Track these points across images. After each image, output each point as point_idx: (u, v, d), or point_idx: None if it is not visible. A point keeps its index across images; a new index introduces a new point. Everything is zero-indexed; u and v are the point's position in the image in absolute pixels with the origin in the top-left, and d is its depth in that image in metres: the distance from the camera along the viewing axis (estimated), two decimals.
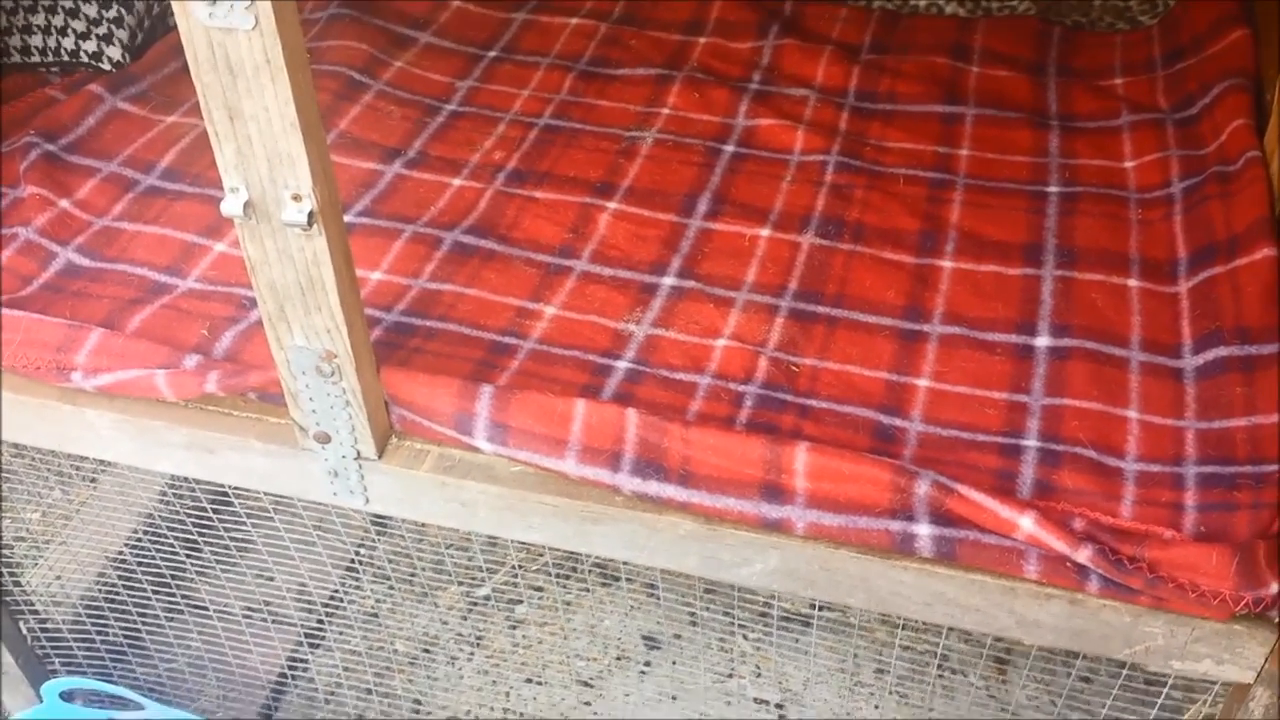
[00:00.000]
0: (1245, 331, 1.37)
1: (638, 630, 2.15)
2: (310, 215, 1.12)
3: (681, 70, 1.95)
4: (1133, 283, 1.51)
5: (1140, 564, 1.14)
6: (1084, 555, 1.15)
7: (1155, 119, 1.77)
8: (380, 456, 1.36)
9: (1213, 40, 1.83)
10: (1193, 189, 1.61)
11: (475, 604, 2.19)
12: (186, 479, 1.87)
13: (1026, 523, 1.16)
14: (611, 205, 1.68)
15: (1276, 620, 1.17)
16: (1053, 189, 1.67)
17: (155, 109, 1.88)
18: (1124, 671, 1.38)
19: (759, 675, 2.06)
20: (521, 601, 2.20)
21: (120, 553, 2.04)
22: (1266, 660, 1.18)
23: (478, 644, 2.14)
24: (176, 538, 1.87)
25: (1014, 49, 1.96)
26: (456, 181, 1.73)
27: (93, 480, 2.24)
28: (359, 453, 1.35)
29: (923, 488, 1.19)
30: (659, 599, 2.16)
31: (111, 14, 1.94)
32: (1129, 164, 1.70)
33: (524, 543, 1.40)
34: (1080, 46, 1.98)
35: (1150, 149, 1.71)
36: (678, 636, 2.13)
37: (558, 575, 2.22)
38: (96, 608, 2.00)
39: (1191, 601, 1.15)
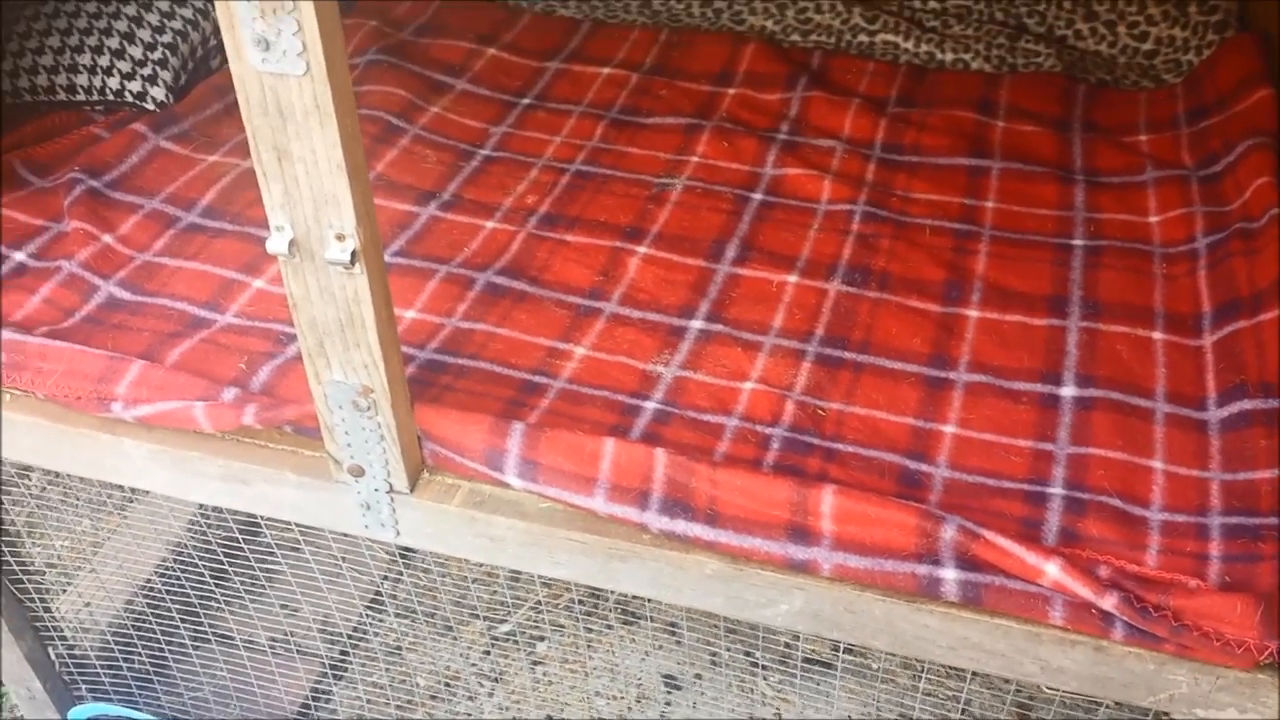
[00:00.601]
0: (1269, 386, 1.39)
1: (658, 670, 2.15)
2: (353, 254, 1.15)
3: (711, 120, 1.98)
4: (1157, 335, 1.52)
5: (1165, 612, 1.15)
6: (1109, 603, 1.16)
7: (1179, 175, 1.79)
8: (412, 490, 1.38)
9: (1236, 99, 1.86)
10: (1217, 245, 1.63)
11: (497, 640, 2.20)
12: (215, 509, 1.90)
13: (1052, 569, 1.17)
14: (641, 250, 1.71)
15: None
16: (1078, 242, 1.69)
17: (197, 148, 1.93)
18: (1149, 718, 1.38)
19: (779, 719, 2.05)
20: (543, 639, 2.20)
21: (149, 581, 2.06)
22: None
23: (498, 681, 2.15)
24: (205, 567, 1.89)
25: (1039, 105, 1.99)
26: (489, 224, 1.77)
27: (123, 509, 2.27)
28: (391, 486, 1.37)
29: (949, 532, 1.21)
30: (680, 639, 2.17)
31: (156, 55, 2.00)
32: (1154, 219, 1.72)
33: (548, 579, 1.41)
34: (1105, 103, 2.01)
35: (1175, 205, 1.73)
36: (698, 677, 2.14)
37: (580, 613, 2.23)
38: (124, 635, 2.02)
39: (1216, 650, 1.15)
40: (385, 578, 2.22)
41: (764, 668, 2.11)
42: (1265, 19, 2.03)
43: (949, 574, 1.21)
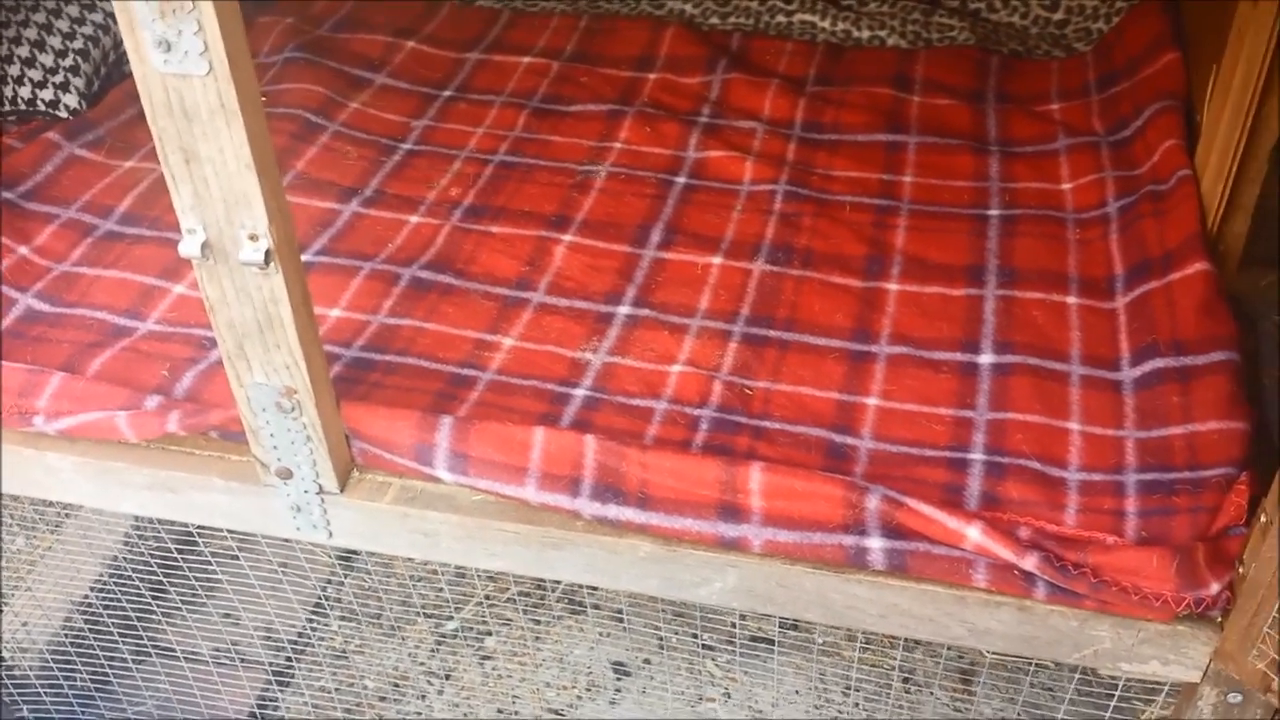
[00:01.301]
0: (1181, 344, 1.42)
1: (607, 658, 2.16)
2: (267, 254, 1.14)
3: (633, 105, 1.99)
4: (1072, 300, 1.55)
5: (1084, 569, 1.18)
6: (1030, 563, 1.19)
7: (1091, 142, 1.83)
8: (342, 490, 1.38)
9: (1145, 64, 1.90)
10: (1128, 208, 1.66)
11: (444, 639, 2.20)
12: (151, 522, 1.88)
13: (974, 533, 1.20)
14: (566, 238, 1.71)
15: (1218, 619, 1.21)
16: (994, 212, 1.72)
17: (112, 154, 1.90)
18: (1075, 676, 1.41)
19: (728, 698, 2.07)
20: (490, 634, 2.20)
21: (86, 598, 2.03)
22: (1211, 659, 1.22)
23: (448, 678, 2.14)
24: (142, 581, 1.87)
25: (954, 78, 2.02)
26: (413, 218, 1.76)
27: (57, 526, 2.24)
28: (321, 487, 1.36)
29: (873, 502, 1.23)
30: (627, 626, 2.18)
31: (68, 63, 1.96)
32: (1066, 186, 1.76)
33: (489, 573, 1.42)
34: (1018, 74, 2.04)
35: (1087, 171, 1.77)
36: (647, 662, 2.15)
37: (526, 606, 2.23)
38: (64, 654, 1.99)
39: (1135, 604, 1.18)
40: (329, 582, 2.21)
41: (710, 649, 2.13)
42: None
43: (875, 543, 1.23)
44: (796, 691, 2.05)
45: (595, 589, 2.13)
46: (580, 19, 2.25)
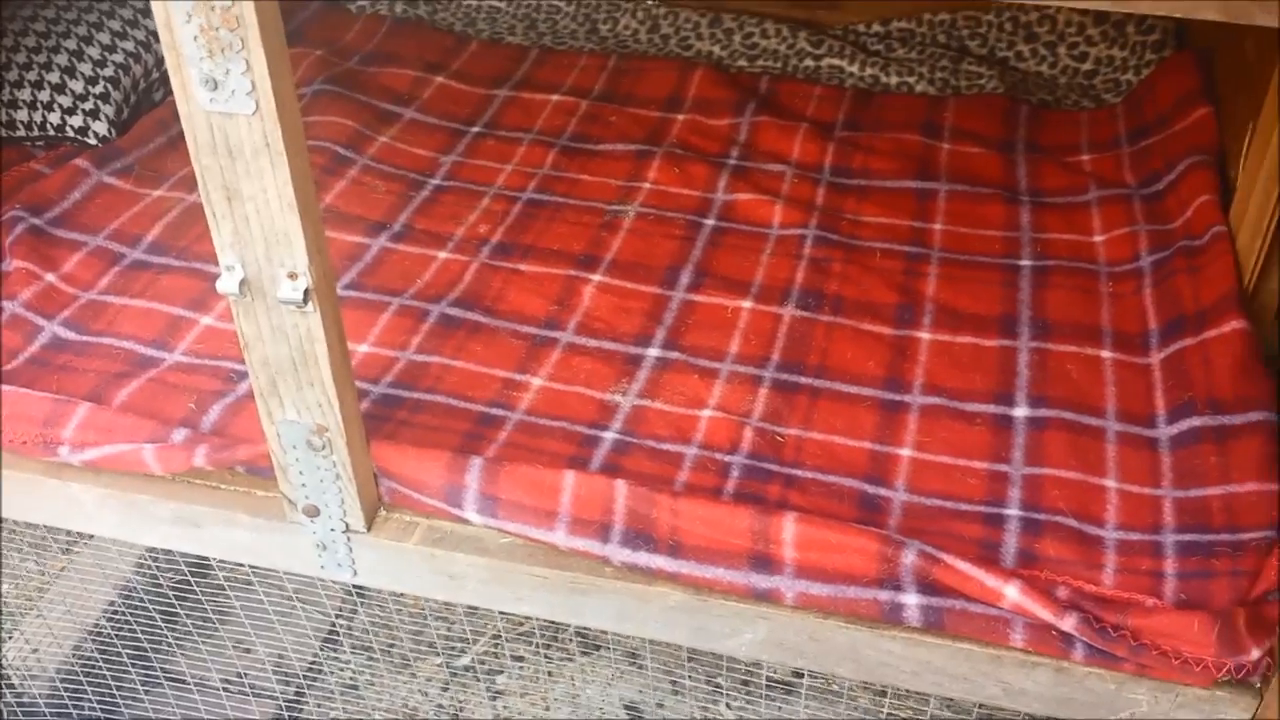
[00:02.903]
0: (1217, 402, 1.41)
1: (620, 699, 2.14)
2: (306, 293, 1.14)
3: (661, 146, 1.99)
4: (1106, 354, 1.54)
5: (1124, 632, 1.17)
6: (1069, 624, 1.17)
7: (1123, 194, 1.82)
8: (369, 529, 1.36)
9: (1176, 118, 1.90)
10: (1161, 263, 1.66)
11: (456, 674, 2.18)
12: (166, 549, 1.86)
13: (1012, 592, 1.18)
14: (595, 278, 1.71)
15: (1257, 686, 1.19)
16: (1025, 262, 1.71)
17: (140, 183, 1.90)
18: None
19: None
20: (502, 671, 2.18)
21: (97, 624, 2.01)
22: None
23: (458, 715, 2.12)
24: (155, 608, 1.85)
25: (983, 126, 2.02)
26: (442, 254, 1.76)
27: (68, 550, 2.22)
28: (348, 525, 1.35)
29: (909, 557, 1.21)
30: (642, 666, 2.15)
31: (98, 90, 1.97)
32: (1098, 238, 1.75)
33: (508, 613, 1.40)
34: (1047, 124, 2.04)
35: (1119, 224, 1.76)
36: (660, 705, 2.12)
37: (539, 644, 2.21)
38: (73, 681, 1.97)
39: (1175, 668, 1.17)
40: (340, 613, 2.19)
41: (726, 692, 2.10)
42: (1202, 37, 2.07)
43: (911, 599, 1.22)
44: None
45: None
46: (609, 58, 2.26)
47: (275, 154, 1.06)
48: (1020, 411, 1.47)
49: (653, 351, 1.58)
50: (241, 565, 1.54)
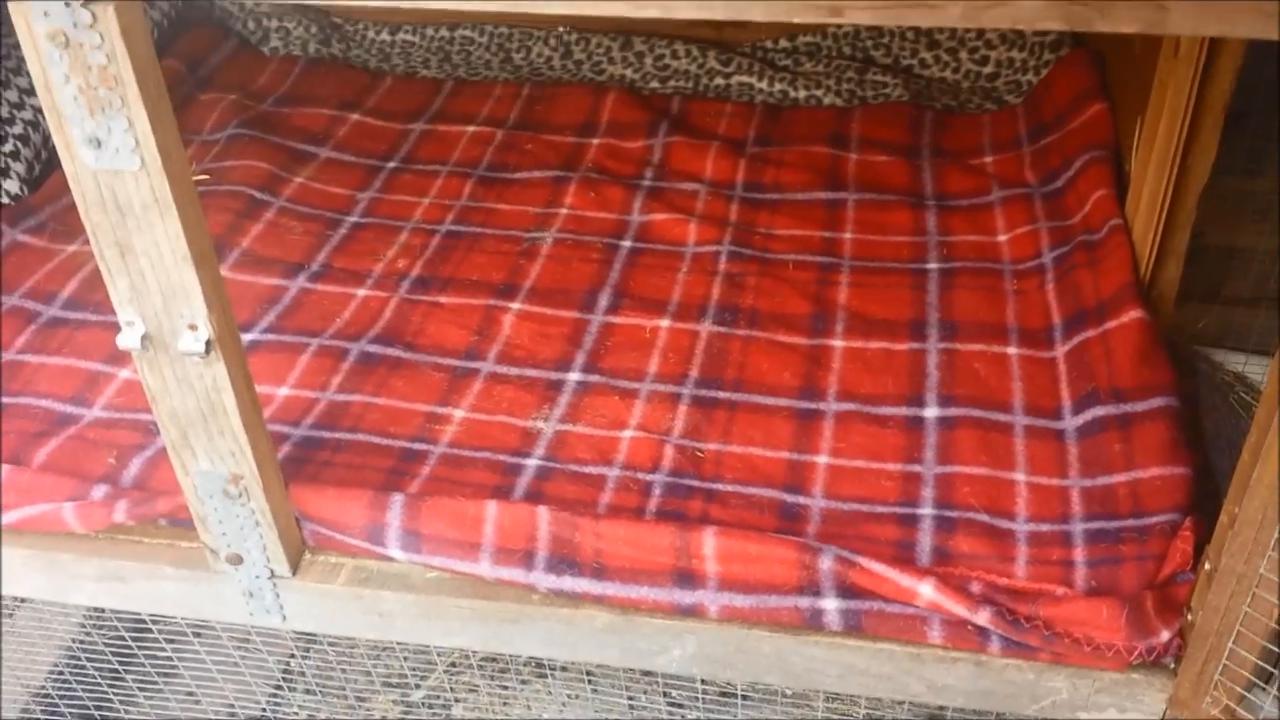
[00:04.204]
0: (1120, 391, 1.45)
1: None
2: (208, 343, 1.14)
3: (577, 171, 2.01)
4: (1012, 350, 1.58)
5: (1037, 622, 1.19)
6: (983, 617, 1.20)
7: (1024, 193, 1.87)
8: (294, 573, 1.36)
9: (1073, 115, 1.94)
10: (1062, 258, 1.70)
11: (410, 708, 2.17)
12: (100, 609, 1.84)
13: (926, 590, 1.21)
14: (515, 306, 1.72)
15: (1171, 666, 1.22)
16: (932, 265, 1.75)
17: (54, 239, 1.89)
18: None
19: None
20: (456, 702, 2.18)
21: (42, 687, 1.99)
22: (1167, 706, 1.23)
23: None
24: (98, 668, 1.83)
25: (889, 134, 2.06)
26: (361, 292, 1.76)
27: (10, 615, 2.19)
28: (273, 571, 1.35)
29: (826, 563, 1.23)
30: (596, 686, 2.16)
31: (7, 148, 1.96)
32: (1002, 238, 1.79)
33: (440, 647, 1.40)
34: (951, 128, 2.08)
35: (1021, 222, 1.80)
36: None
37: (491, 673, 2.21)
38: None
39: (1088, 655, 1.19)
40: (292, 656, 2.17)
41: (679, 706, 2.11)
42: (1095, 36, 2.12)
43: (830, 604, 1.24)
44: None
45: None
46: (523, 87, 2.28)
47: (165, 208, 1.07)
48: (931, 412, 1.50)
49: (573, 376, 1.60)
50: (177, 620, 1.54)
